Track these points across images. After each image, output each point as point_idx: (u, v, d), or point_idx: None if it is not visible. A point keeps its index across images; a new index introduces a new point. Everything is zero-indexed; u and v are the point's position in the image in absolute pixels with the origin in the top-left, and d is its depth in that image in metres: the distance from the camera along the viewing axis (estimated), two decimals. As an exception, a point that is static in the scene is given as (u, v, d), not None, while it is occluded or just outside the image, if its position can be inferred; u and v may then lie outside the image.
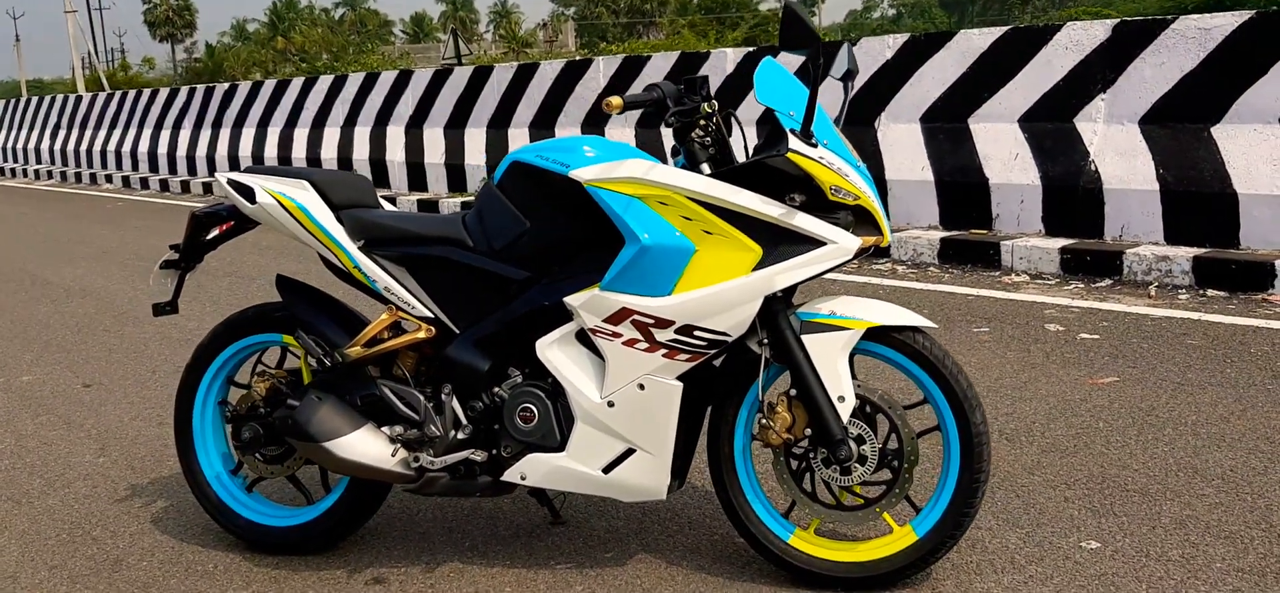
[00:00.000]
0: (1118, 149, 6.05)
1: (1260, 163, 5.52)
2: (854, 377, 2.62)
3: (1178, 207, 5.80)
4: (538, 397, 2.75)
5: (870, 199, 2.58)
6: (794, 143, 2.51)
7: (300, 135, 12.94)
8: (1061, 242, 6.07)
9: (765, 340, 2.65)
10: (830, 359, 2.61)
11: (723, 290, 2.55)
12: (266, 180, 2.93)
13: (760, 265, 2.54)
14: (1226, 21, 5.70)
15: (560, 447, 2.75)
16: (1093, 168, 6.12)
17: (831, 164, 2.53)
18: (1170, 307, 5.20)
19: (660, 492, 2.72)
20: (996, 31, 6.67)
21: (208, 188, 14.09)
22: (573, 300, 2.67)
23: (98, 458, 4.03)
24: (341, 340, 2.91)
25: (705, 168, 2.65)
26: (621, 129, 9.10)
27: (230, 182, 2.97)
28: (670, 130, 2.93)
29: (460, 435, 2.81)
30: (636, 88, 8.98)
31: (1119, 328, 4.89)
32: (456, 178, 10.66)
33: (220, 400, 3.21)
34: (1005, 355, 4.55)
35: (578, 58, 9.90)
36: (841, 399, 2.60)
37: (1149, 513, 2.99)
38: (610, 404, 2.67)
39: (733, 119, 2.78)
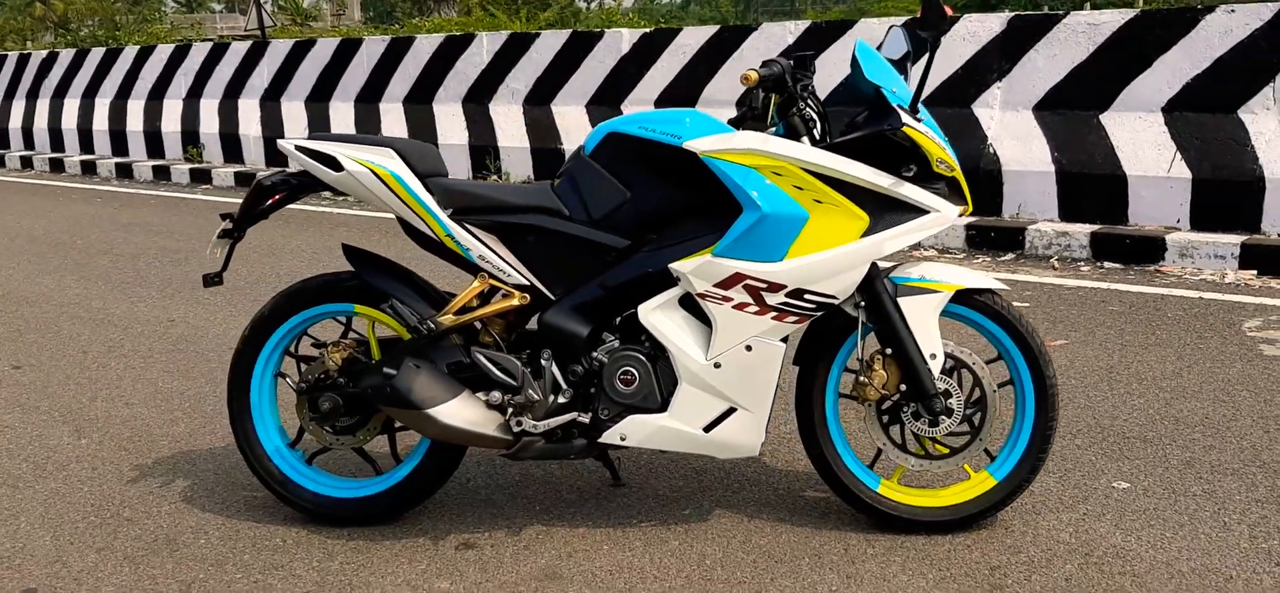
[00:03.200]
0: (1014, 134, 6.54)
1: (1146, 147, 6.10)
2: None
3: (1072, 187, 6.32)
4: (638, 359, 2.85)
5: (961, 173, 2.79)
6: (906, 118, 2.70)
7: (135, 107, 12.26)
8: (966, 218, 6.52)
9: (862, 303, 2.84)
10: (923, 320, 2.81)
11: (833, 256, 2.71)
12: (350, 148, 2.90)
13: (868, 232, 2.72)
14: (1114, 18, 6.25)
15: (661, 408, 2.85)
16: (991, 151, 6.59)
17: (936, 138, 2.73)
18: (1076, 278, 5.69)
19: (755, 449, 2.87)
20: (899, 19, 7.05)
21: (28, 163, 13.17)
22: (681, 266, 2.78)
23: (79, 441, 3.84)
24: (423, 309, 2.91)
25: (805, 141, 2.80)
26: (508, 104, 9.10)
27: (307, 150, 2.92)
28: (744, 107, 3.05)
29: (561, 399, 2.87)
30: (526, 66, 8.99)
31: (1041, 297, 5.32)
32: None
33: (276, 373, 3.14)
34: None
35: (457, 33, 9.81)
36: (933, 356, 2.81)
37: (1157, 457, 3.34)
38: (717, 365, 2.79)
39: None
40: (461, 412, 2.84)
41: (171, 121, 11.83)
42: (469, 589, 2.73)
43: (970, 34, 6.72)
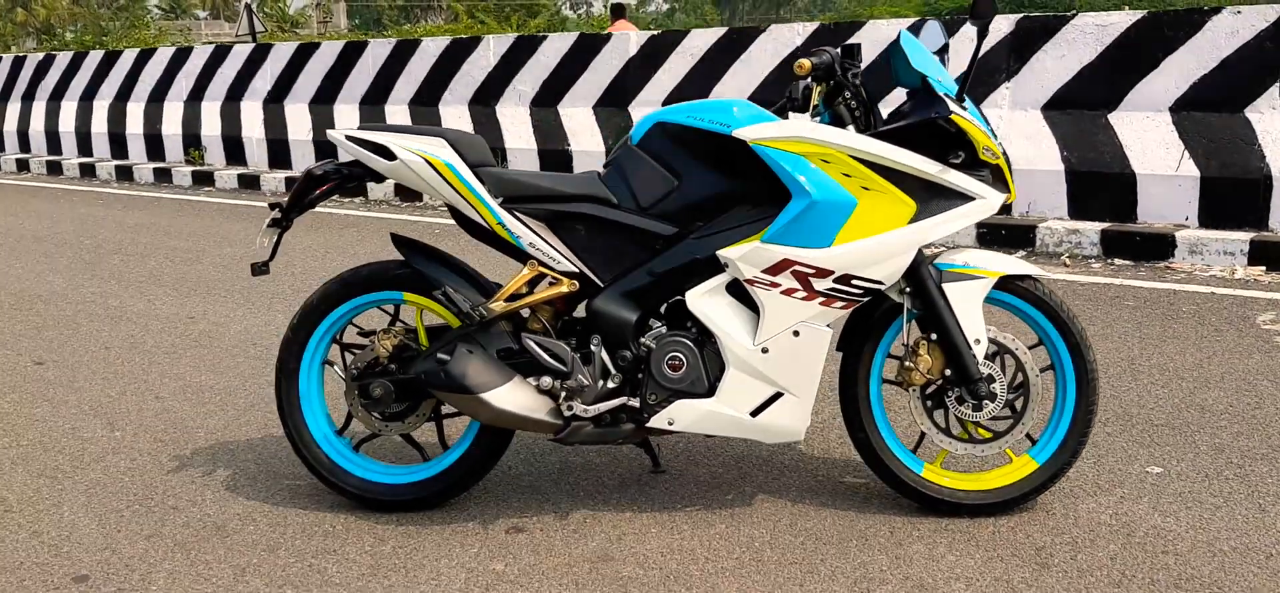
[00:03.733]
0: (1023, 133, 6.61)
1: (1154, 146, 6.18)
2: None
3: (1081, 185, 6.40)
4: (686, 345, 2.89)
5: (1005, 160, 2.85)
6: (953, 106, 2.76)
7: (135, 110, 12.25)
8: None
9: (907, 289, 2.89)
10: (968, 305, 2.86)
11: (881, 241, 2.76)
12: (403, 138, 2.93)
13: (915, 218, 2.77)
14: (1122, 19, 6.34)
15: (709, 392, 2.90)
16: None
17: (981, 126, 2.79)
18: (1088, 274, 5.76)
19: (800, 433, 2.91)
20: (902, 23, 7.13)
21: (23, 165, 13.14)
22: (729, 253, 2.82)
23: (113, 433, 3.86)
24: (473, 296, 2.95)
25: (851, 128, 2.86)
26: (515, 106, 9.14)
27: (359, 140, 2.95)
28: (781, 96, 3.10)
29: (611, 384, 2.91)
30: (532, 68, 9.02)
31: (1057, 292, 5.38)
32: (326, 155, 10.38)
33: (324, 361, 3.17)
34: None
35: (464, 35, 9.84)
36: (977, 342, 2.87)
37: (1187, 443, 3.40)
38: (764, 351, 2.84)
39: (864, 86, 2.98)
40: (513, 396, 2.88)
41: (172, 124, 11.82)
42: (523, 571, 2.77)
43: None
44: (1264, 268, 5.61)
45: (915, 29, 2.52)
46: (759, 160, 2.79)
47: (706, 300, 2.87)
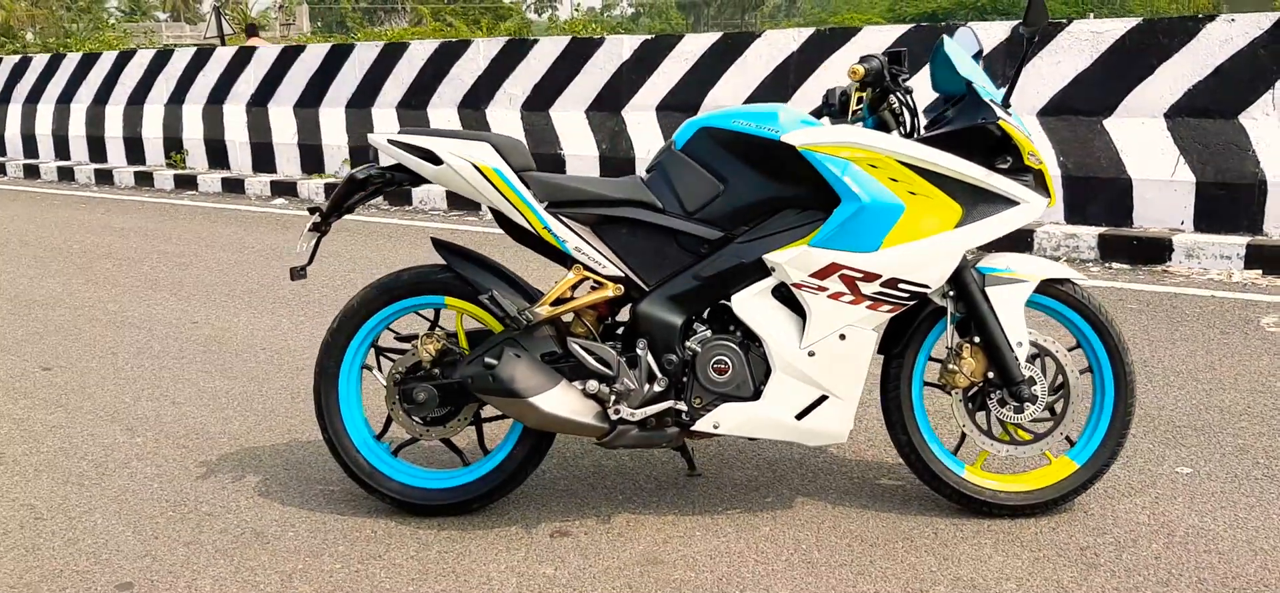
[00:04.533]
0: (1020, 138, 6.68)
1: (1150, 151, 6.27)
2: None
3: (1078, 190, 6.48)
4: (732, 349, 2.91)
5: (1047, 166, 2.89)
6: (1000, 112, 2.79)
7: (114, 113, 12.11)
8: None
9: (950, 292, 2.92)
10: (1011, 309, 2.90)
11: (928, 245, 2.79)
12: (448, 143, 2.93)
13: (962, 223, 2.80)
14: (1117, 26, 6.43)
15: (754, 396, 2.91)
16: (997, 155, 6.73)
17: (1026, 133, 2.83)
18: (1087, 278, 5.83)
19: (843, 436, 2.94)
20: (898, 30, 7.20)
21: None
22: (776, 257, 2.84)
23: (133, 439, 3.82)
24: (518, 300, 2.95)
25: (895, 133, 2.89)
26: (506, 109, 9.13)
27: (404, 144, 2.95)
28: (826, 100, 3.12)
29: (657, 388, 2.92)
30: (523, 72, 9.01)
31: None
32: (312, 158, 10.32)
33: (363, 365, 3.16)
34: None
35: (453, 39, 9.81)
36: (1020, 344, 2.90)
37: (1212, 444, 3.46)
38: (811, 354, 2.86)
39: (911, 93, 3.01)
40: (560, 400, 2.88)
41: (153, 127, 11.70)
42: (574, 575, 2.77)
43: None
44: (1260, 271, 5.71)
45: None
46: (807, 166, 2.81)
47: (753, 304, 2.89)
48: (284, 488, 3.35)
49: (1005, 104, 2.85)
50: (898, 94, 2.90)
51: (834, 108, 3.09)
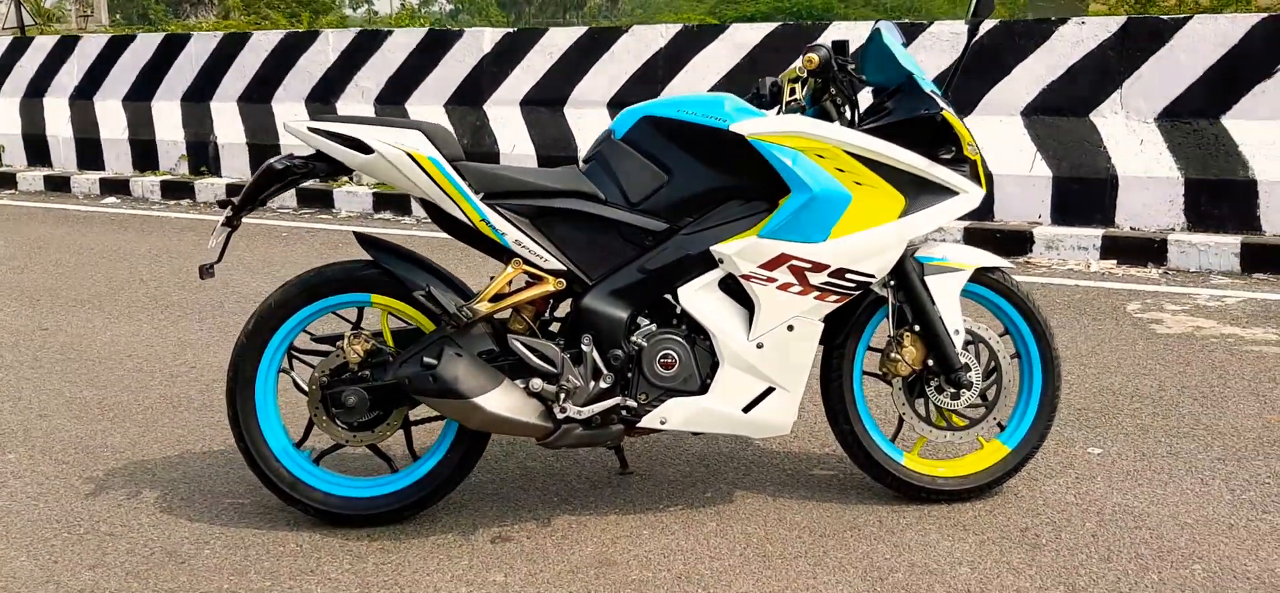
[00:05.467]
0: (885, 135, 6.86)
1: (1009, 148, 6.53)
2: None
3: (942, 185, 6.69)
4: (678, 342, 2.86)
5: (981, 157, 2.95)
6: (941, 102, 2.83)
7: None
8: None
9: (891, 283, 2.95)
10: (949, 297, 2.95)
11: (874, 236, 2.80)
12: (378, 131, 2.78)
13: (905, 213, 2.83)
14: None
15: (701, 390, 2.87)
16: (864, 151, 6.89)
17: (965, 124, 2.87)
18: (956, 270, 6.03)
19: (788, 427, 2.92)
20: (767, 27, 7.30)
21: None
22: (724, 249, 2.81)
23: (4, 455, 3.50)
24: (453, 297, 2.82)
25: (837, 123, 2.89)
26: (358, 103, 8.82)
27: (330, 133, 2.77)
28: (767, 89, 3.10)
29: (603, 385, 2.84)
30: (377, 65, 8.72)
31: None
32: (146, 154, 9.73)
33: (281, 369, 2.97)
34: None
35: (300, 30, 9.42)
36: (957, 332, 2.95)
37: (1113, 425, 3.60)
38: (759, 346, 2.84)
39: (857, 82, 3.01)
40: (504, 400, 2.77)
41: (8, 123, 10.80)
42: (526, 580, 2.66)
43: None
44: (1115, 261, 6.02)
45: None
46: (753, 155, 2.79)
47: (699, 297, 2.85)
48: (187, 503, 3.12)
49: (945, 95, 2.89)
50: (841, 84, 2.91)
51: (764, 99, 3.07)
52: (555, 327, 2.98)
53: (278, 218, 8.11)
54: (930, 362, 2.97)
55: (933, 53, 6.74)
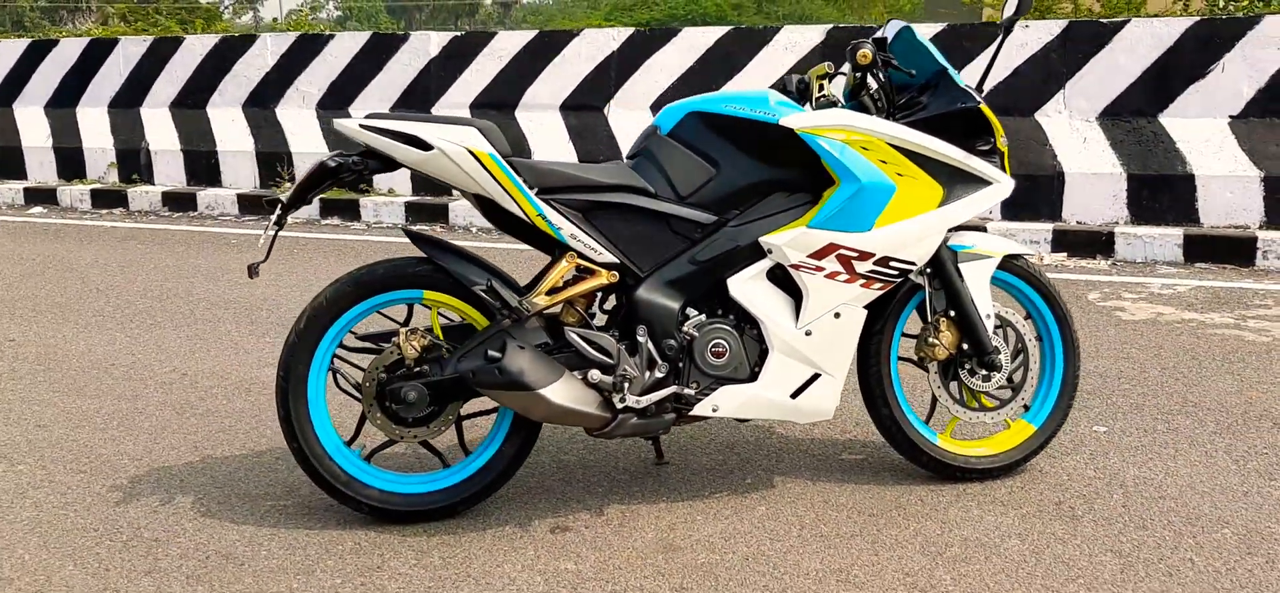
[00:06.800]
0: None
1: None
2: None
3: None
4: (729, 332, 2.93)
5: (1007, 149, 3.10)
6: (977, 97, 2.96)
7: None
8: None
9: (928, 270, 3.07)
10: (980, 283, 3.08)
11: (916, 224, 2.92)
12: (436, 128, 2.79)
13: (944, 202, 2.95)
14: (927, 29, 6.89)
15: (751, 378, 2.95)
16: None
17: (996, 117, 3.01)
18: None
19: (831, 412, 3.02)
20: (719, 30, 7.43)
21: None
22: (774, 239, 2.90)
23: (15, 467, 3.41)
24: (510, 292, 2.86)
25: (876, 117, 3.00)
26: (299, 108, 8.69)
27: (386, 131, 2.78)
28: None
29: (658, 374, 2.90)
30: (319, 68, 8.60)
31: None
32: (71, 163, 9.43)
33: (331, 368, 2.96)
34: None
35: (236, 34, 9.23)
36: (988, 317, 3.09)
37: (1111, 406, 3.79)
38: (808, 333, 2.93)
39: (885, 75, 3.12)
40: (566, 391, 2.81)
41: None
42: (597, 567, 2.71)
43: (791, 44, 7.18)
44: (1066, 254, 6.29)
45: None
46: (800, 148, 2.88)
47: (749, 286, 2.93)
48: (225, 507, 3.08)
49: (978, 89, 3.02)
50: (881, 78, 3.02)
51: (792, 95, 3.17)
52: (600, 320, 3.04)
53: (297, 229, 7.96)
54: (965, 346, 3.09)
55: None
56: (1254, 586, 2.58)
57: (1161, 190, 6.36)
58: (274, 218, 2.85)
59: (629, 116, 7.58)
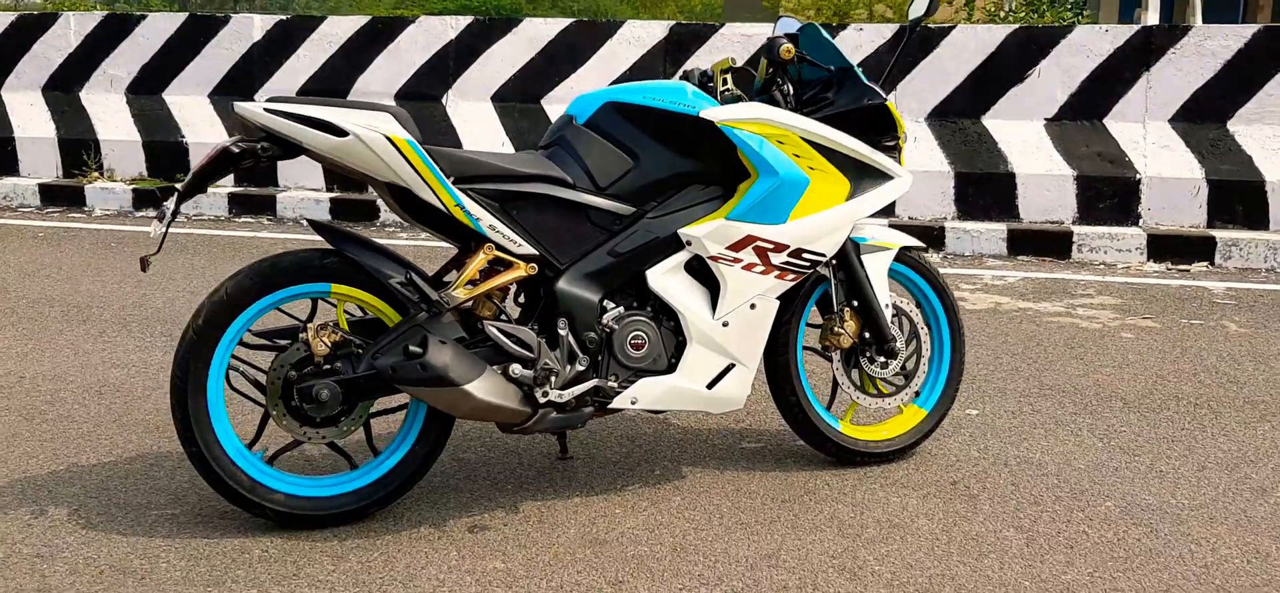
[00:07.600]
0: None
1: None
2: None
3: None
4: (647, 324, 2.94)
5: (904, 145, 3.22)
6: (882, 94, 3.06)
7: None
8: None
9: (832, 262, 3.15)
10: (879, 274, 3.19)
11: (827, 217, 3.00)
12: (349, 114, 2.67)
13: (851, 196, 3.04)
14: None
15: (669, 369, 2.96)
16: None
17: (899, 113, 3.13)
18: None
19: (742, 402, 3.07)
20: (561, 23, 7.40)
21: None
22: (693, 231, 2.91)
23: None
24: (427, 285, 2.77)
25: (786, 111, 3.06)
26: (106, 92, 8.13)
27: (296, 115, 2.64)
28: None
29: (579, 368, 2.87)
30: (129, 51, 8.06)
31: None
32: None
33: (230, 366, 2.79)
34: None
35: (33, 12, 8.54)
36: (887, 306, 3.20)
37: (976, 391, 3.98)
38: (725, 324, 2.96)
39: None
40: (489, 386, 2.75)
41: None
42: (527, 565, 2.66)
43: (634, 39, 7.22)
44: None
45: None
46: (717, 141, 2.91)
47: (668, 278, 2.94)
48: (107, 518, 2.86)
49: (881, 86, 3.13)
50: (788, 75, 3.08)
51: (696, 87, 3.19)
52: (513, 312, 2.98)
53: (199, 226, 7.39)
54: (866, 334, 3.19)
55: (729, 50, 7.07)
56: (1144, 553, 2.77)
57: (986, 188, 6.73)
58: (170, 208, 2.67)
59: (468, 107, 7.45)
